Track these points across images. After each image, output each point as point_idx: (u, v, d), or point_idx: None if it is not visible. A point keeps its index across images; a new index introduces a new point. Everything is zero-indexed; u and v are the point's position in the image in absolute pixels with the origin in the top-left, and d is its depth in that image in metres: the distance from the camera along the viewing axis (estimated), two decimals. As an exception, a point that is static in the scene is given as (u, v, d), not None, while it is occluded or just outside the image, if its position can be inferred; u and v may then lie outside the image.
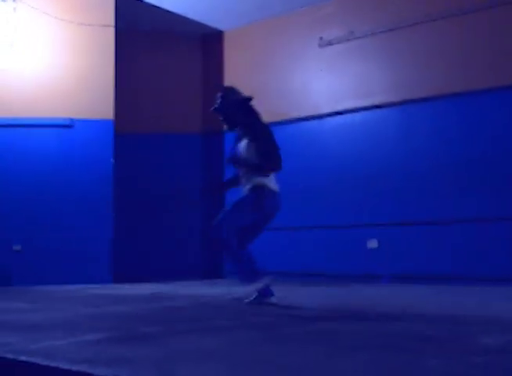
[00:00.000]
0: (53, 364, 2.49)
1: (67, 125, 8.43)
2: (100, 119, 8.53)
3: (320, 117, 8.64)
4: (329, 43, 8.72)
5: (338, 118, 8.41)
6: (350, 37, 8.56)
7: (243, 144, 5.10)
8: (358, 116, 8.34)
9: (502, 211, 7.18)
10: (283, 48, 9.16)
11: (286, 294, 6.41)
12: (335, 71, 8.60)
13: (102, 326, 3.86)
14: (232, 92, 5.26)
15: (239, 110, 5.15)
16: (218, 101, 5.22)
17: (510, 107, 7.29)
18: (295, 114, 8.88)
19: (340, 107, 8.46)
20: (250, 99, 5.23)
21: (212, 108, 5.25)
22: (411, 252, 7.69)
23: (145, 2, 9.08)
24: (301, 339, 3.25)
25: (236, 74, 9.60)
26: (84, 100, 8.53)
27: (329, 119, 8.53)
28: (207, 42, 9.99)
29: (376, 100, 8.21)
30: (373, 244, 7.87)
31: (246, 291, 4.98)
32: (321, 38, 8.79)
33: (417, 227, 7.67)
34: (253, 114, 5.18)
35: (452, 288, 6.78)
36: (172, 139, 9.68)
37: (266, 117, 8.84)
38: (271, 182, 5.06)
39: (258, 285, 4.88)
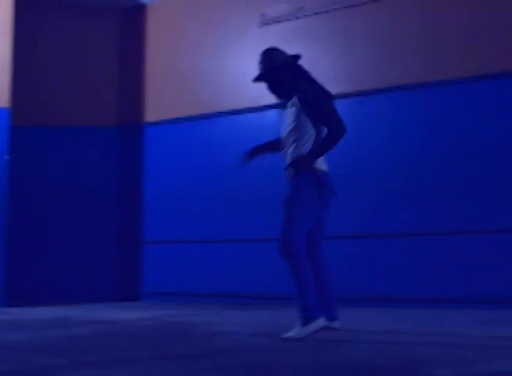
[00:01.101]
0: None
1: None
2: (-7, 107, 8.43)
3: (260, 109, 8.71)
4: (273, 21, 8.79)
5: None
6: (298, 14, 8.63)
7: (289, 113, 5.03)
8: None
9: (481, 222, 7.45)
10: (217, 25, 9.20)
11: (213, 319, 6.51)
12: (278, 55, 8.68)
13: (-10, 357, 3.86)
14: (276, 52, 5.16)
15: (286, 73, 5.08)
16: (261, 66, 5.15)
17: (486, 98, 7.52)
18: (230, 106, 8.95)
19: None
20: (298, 57, 5.15)
21: (255, 77, 5.18)
22: (364, 270, 7.85)
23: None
24: (225, 374, 3.34)
25: (161, 55, 9.62)
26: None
27: (270, 112, 8.59)
28: (126, 17, 9.99)
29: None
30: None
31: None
32: (263, 15, 8.86)
33: (374, 240, 7.84)
34: (303, 75, 5.12)
35: (410, 312, 6.92)
36: (82, 133, 9.63)
37: (195, 107, 9.12)
38: (320, 159, 4.96)
39: (311, 328, 4.73)
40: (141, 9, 9.89)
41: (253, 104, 8.74)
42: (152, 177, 9.43)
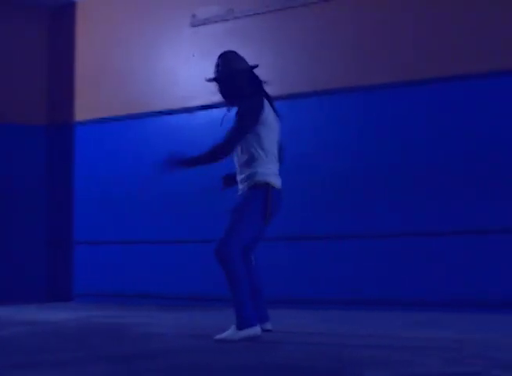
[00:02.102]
0: None
1: None
2: None
3: (190, 110, 8.68)
4: (204, 22, 8.77)
5: (211, 113, 8.44)
6: (228, 16, 8.64)
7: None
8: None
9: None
10: (147, 25, 9.13)
11: (146, 320, 6.47)
12: (209, 57, 8.54)
13: None
14: (235, 57, 5.13)
15: (243, 81, 5.06)
16: (218, 68, 5.10)
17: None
18: (162, 106, 8.90)
19: (213, 100, 8.45)
20: (255, 66, 5.15)
21: (210, 77, 5.14)
22: (294, 271, 7.88)
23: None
24: (170, 375, 3.32)
25: (91, 54, 9.49)
26: None
27: (200, 113, 8.57)
28: (55, 14, 9.83)
29: (257, 93, 8.32)
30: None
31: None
32: (194, 16, 8.84)
33: (302, 243, 7.89)
34: (255, 86, 5.10)
35: (343, 313, 7.01)
36: (10, 131, 9.46)
37: (126, 107, 9.04)
38: (275, 176, 4.97)
39: (246, 333, 4.69)
40: (70, 7, 9.74)
41: (184, 104, 8.70)
42: (82, 177, 9.30)
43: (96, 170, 9.17)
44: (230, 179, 5.30)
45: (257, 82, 5.13)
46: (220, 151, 4.90)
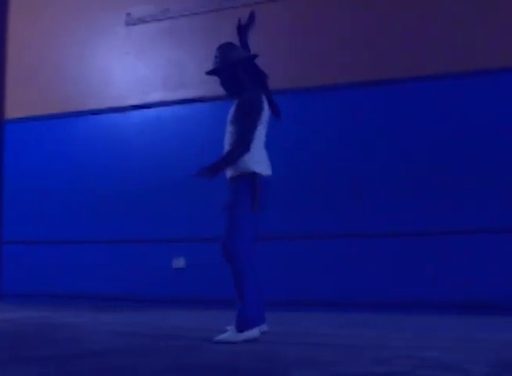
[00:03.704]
0: None
1: None
2: None
3: (123, 109, 8.63)
4: (139, 21, 8.72)
5: (145, 112, 8.42)
6: (163, 15, 8.59)
7: (229, 117, 4.95)
8: (167, 110, 8.40)
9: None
10: (82, 22, 9.02)
11: (76, 320, 6.38)
12: (143, 56, 8.61)
13: None
14: (232, 48, 5.09)
15: (242, 72, 4.99)
16: (217, 60, 5.04)
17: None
18: (93, 105, 8.81)
19: (147, 99, 8.48)
20: (255, 56, 5.09)
21: (208, 70, 5.07)
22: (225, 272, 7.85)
23: None
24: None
25: (23, 51, 9.36)
26: None
27: (133, 113, 8.52)
28: (-14, 9, 9.68)
29: (190, 93, 8.29)
30: (179, 263, 7.96)
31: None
32: (128, 15, 8.78)
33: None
34: (256, 76, 5.04)
35: (280, 315, 7.01)
36: None
37: (58, 105, 8.91)
38: (262, 164, 4.83)
39: (247, 335, 4.65)
40: (3, 2, 9.57)
41: (116, 104, 8.62)
42: (11, 176, 9.15)
43: (26, 169, 9.02)
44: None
45: (256, 72, 5.09)
46: (238, 151, 4.74)
